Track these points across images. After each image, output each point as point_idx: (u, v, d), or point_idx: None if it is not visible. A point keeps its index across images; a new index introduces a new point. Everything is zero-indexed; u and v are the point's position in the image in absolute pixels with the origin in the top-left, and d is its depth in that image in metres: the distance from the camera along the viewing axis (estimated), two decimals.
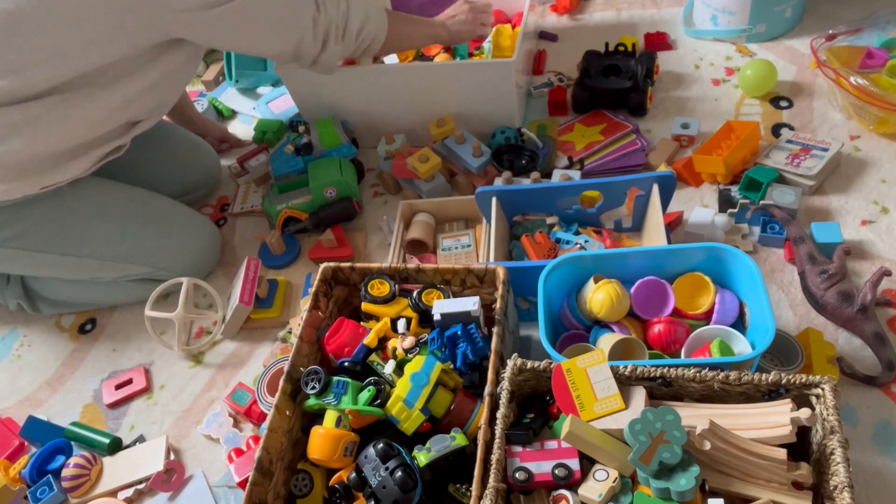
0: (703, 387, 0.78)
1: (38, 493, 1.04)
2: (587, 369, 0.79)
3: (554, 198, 1.13)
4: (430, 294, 0.96)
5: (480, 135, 1.37)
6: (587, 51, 1.47)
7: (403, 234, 1.25)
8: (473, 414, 0.85)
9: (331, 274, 1.00)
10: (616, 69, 1.41)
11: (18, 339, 1.33)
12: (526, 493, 0.77)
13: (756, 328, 0.88)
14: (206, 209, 1.48)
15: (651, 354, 0.90)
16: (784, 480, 0.71)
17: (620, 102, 1.39)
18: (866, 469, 0.87)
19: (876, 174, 1.20)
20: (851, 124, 1.29)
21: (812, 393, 0.75)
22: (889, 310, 1.02)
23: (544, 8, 1.73)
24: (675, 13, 1.63)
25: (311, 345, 0.97)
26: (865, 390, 0.94)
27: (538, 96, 1.50)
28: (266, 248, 1.32)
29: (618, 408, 0.77)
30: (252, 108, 1.69)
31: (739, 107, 1.38)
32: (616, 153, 1.32)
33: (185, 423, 1.12)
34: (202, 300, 1.30)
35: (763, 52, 1.48)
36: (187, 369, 1.20)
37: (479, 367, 0.89)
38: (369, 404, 0.85)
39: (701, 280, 0.94)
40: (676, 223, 1.18)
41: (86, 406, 1.19)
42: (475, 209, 1.20)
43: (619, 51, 1.46)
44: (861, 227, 1.13)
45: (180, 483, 1.04)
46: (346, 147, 1.38)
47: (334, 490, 0.85)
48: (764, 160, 1.22)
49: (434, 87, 1.33)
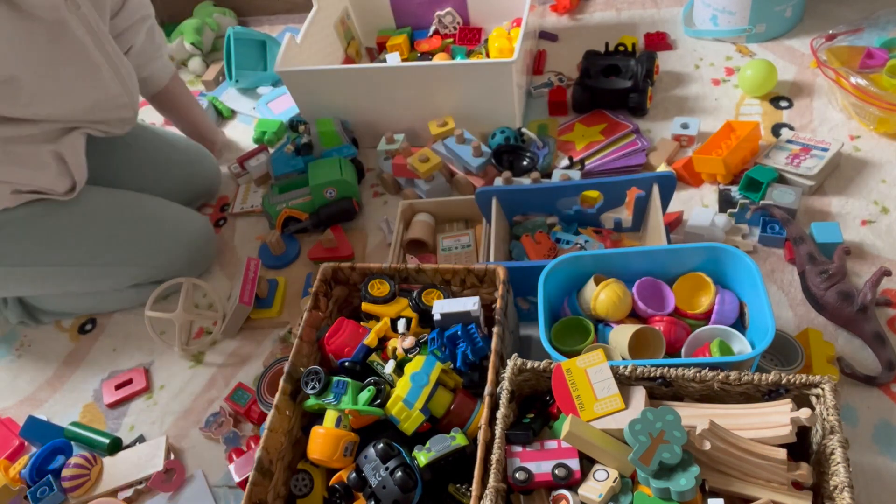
0: (703, 387, 0.78)
1: (38, 493, 1.04)
2: (587, 369, 0.79)
3: (554, 198, 1.13)
4: (430, 294, 0.96)
5: (480, 135, 1.37)
6: (587, 51, 1.47)
7: (403, 234, 1.25)
8: (473, 414, 0.85)
9: (331, 274, 1.00)
10: (616, 69, 1.41)
11: (18, 339, 1.33)
12: (526, 493, 0.77)
13: (756, 328, 0.88)
14: (206, 209, 1.48)
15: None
16: (784, 480, 0.71)
17: (621, 102, 1.39)
18: (866, 469, 0.87)
19: (876, 174, 1.20)
20: (851, 124, 1.29)
21: (812, 393, 0.75)
22: (889, 310, 1.02)
23: (544, 8, 1.73)
24: (675, 13, 1.63)
25: (311, 345, 0.97)
26: (865, 390, 0.94)
27: (538, 96, 1.50)
28: (266, 248, 1.32)
29: (618, 408, 0.77)
30: (252, 108, 1.69)
31: (739, 107, 1.38)
32: (616, 153, 1.32)
33: (185, 423, 1.12)
34: (202, 300, 1.30)
35: (763, 52, 1.48)
36: (187, 369, 1.20)
37: (479, 367, 0.89)
38: (369, 404, 0.85)
39: (701, 280, 0.94)
40: (676, 223, 1.18)
41: (86, 406, 1.19)
42: (475, 209, 1.20)
43: (619, 51, 1.46)
44: (861, 227, 1.13)
45: (180, 483, 1.04)
46: (346, 147, 1.38)
47: (334, 490, 0.85)
48: (764, 160, 1.22)
49: (434, 87, 1.33)
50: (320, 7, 1.53)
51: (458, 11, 1.65)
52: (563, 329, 0.95)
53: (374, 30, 1.72)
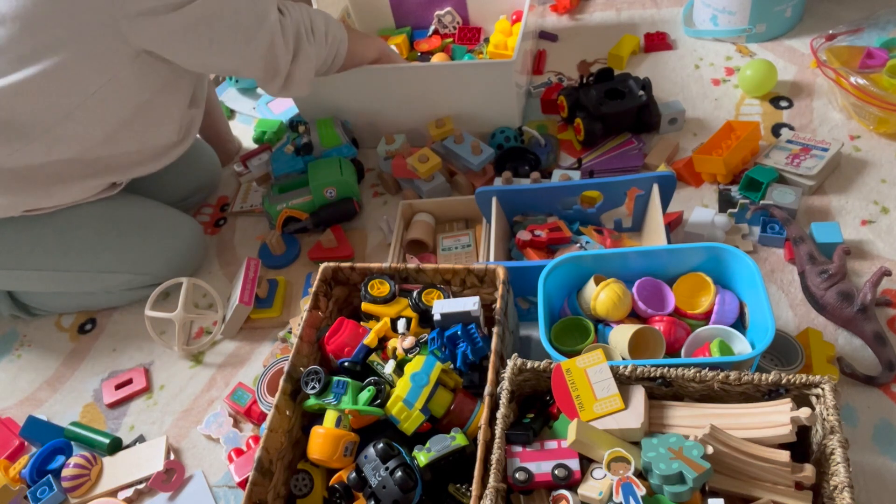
0: (702, 387, 0.78)
1: (38, 493, 1.04)
2: (587, 369, 0.79)
3: (554, 198, 1.13)
4: (430, 294, 0.95)
5: (480, 135, 1.37)
6: (578, 86, 1.37)
7: (403, 234, 1.25)
8: (473, 414, 0.85)
9: (331, 274, 1.00)
10: (617, 92, 1.32)
11: (18, 339, 1.33)
12: (526, 493, 0.77)
13: (756, 328, 0.88)
14: (205, 209, 1.48)
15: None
16: (788, 482, 0.71)
17: (630, 123, 1.32)
18: (866, 469, 0.87)
19: (876, 174, 1.20)
20: (851, 124, 1.29)
21: (812, 393, 0.75)
22: (889, 310, 1.02)
23: (544, 8, 1.73)
24: (675, 13, 1.63)
25: (311, 345, 0.97)
26: (865, 390, 0.94)
27: (538, 96, 1.50)
28: (266, 248, 1.32)
29: (617, 408, 0.77)
30: (252, 108, 1.69)
31: (739, 107, 1.38)
32: (613, 152, 1.32)
33: (185, 423, 1.12)
34: (202, 300, 1.30)
35: (763, 52, 1.48)
36: (187, 369, 1.20)
37: (479, 367, 0.89)
38: (369, 404, 0.85)
39: (701, 280, 0.94)
40: (676, 223, 1.18)
41: (86, 406, 1.19)
42: (475, 209, 1.20)
43: (604, 74, 1.36)
44: (861, 227, 1.13)
45: (180, 483, 1.04)
46: (346, 147, 1.38)
47: (334, 490, 0.85)
48: (764, 160, 1.22)
49: (434, 87, 1.33)
50: (320, 7, 1.53)
51: (458, 11, 1.65)
52: (563, 329, 0.95)
53: (374, 29, 1.72)
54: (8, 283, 1.25)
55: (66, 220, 1.19)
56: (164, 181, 1.36)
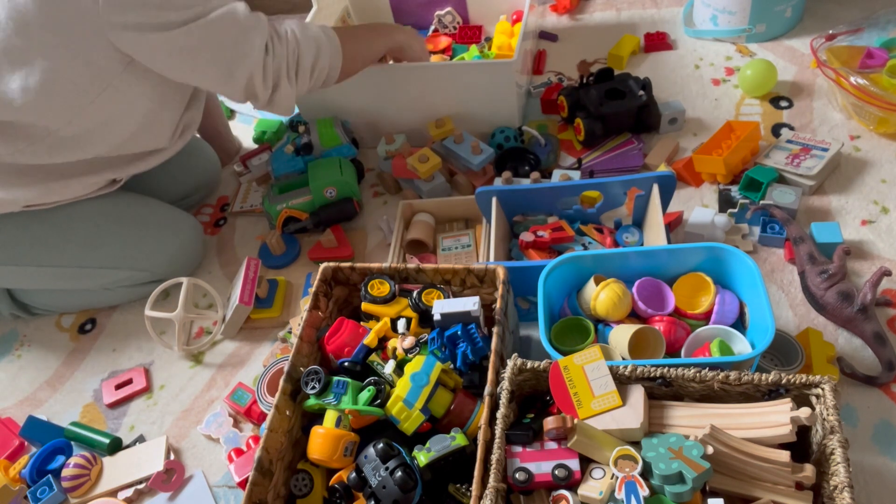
0: (702, 387, 0.78)
1: (38, 493, 1.04)
2: (584, 366, 0.79)
3: (554, 198, 1.13)
4: (430, 294, 0.95)
5: (480, 135, 1.37)
6: (577, 86, 1.37)
7: (403, 234, 1.25)
8: (473, 414, 0.85)
9: (331, 274, 1.00)
10: (617, 92, 1.32)
11: (18, 339, 1.33)
12: (526, 493, 0.77)
13: (756, 328, 0.88)
14: (205, 209, 1.48)
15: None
16: (788, 482, 0.71)
17: (630, 123, 1.32)
18: (866, 469, 0.87)
19: (876, 174, 1.20)
20: (851, 124, 1.29)
21: (812, 393, 0.75)
22: (889, 310, 1.02)
23: (544, 8, 1.73)
24: (675, 13, 1.63)
25: (311, 345, 0.97)
26: (865, 390, 0.94)
27: (538, 96, 1.50)
28: (266, 248, 1.32)
29: (615, 404, 0.77)
30: (252, 108, 1.69)
31: (739, 107, 1.38)
32: (613, 152, 1.32)
33: (185, 423, 1.12)
34: (202, 300, 1.30)
35: (763, 52, 1.48)
36: (187, 369, 1.20)
37: (479, 367, 0.89)
38: (369, 404, 0.85)
39: (701, 280, 0.94)
40: (676, 223, 1.18)
41: (86, 406, 1.19)
42: (475, 209, 1.20)
43: (604, 74, 1.37)
44: (861, 227, 1.13)
45: (180, 483, 1.04)
46: (346, 147, 1.38)
47: (334, 490, 0.85)
48: (764, 160, 1.22)
49: (434, 87, 1.33)
50: (320, 7, 1.53)
51: (458, 11, 1.65)
52: (563, 329, 0.95)
53: None
54: (8, 279, 1.25)
55: (67, 216, 1.20)
56: (163, 180, 1.36)
